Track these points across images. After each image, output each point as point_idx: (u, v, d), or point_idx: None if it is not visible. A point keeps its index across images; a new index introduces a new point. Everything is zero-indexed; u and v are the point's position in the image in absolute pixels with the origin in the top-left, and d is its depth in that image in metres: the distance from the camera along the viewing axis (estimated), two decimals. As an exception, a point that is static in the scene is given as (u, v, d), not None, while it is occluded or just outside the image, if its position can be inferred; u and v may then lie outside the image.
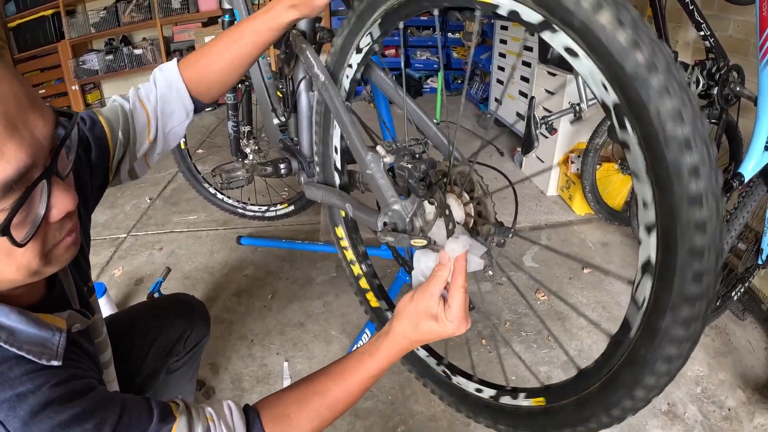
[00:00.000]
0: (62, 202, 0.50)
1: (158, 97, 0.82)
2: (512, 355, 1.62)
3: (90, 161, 0.74)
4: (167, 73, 0.83)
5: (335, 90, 0.85)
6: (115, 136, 0.77)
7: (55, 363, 0.53)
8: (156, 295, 1.79)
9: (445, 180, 0.73)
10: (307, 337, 1.71)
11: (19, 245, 0.47)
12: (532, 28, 0.52)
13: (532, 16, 0.52)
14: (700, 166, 0.43)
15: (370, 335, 1.61)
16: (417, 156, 0.69)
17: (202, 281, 2.02)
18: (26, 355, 0.51)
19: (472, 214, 0.71)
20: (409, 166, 0.68)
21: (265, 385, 1.52)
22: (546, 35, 0.51)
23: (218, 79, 0.87)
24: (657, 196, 0.47)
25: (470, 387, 0.82)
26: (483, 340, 1.68)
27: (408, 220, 0.71)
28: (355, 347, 1.57)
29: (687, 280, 0.46)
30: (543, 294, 1.94)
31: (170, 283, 1.95)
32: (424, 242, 0.68)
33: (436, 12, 0.69)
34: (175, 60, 0.85)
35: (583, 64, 0.48)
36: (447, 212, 0.70)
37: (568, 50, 0.49)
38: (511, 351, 1.64)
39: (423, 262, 0.71)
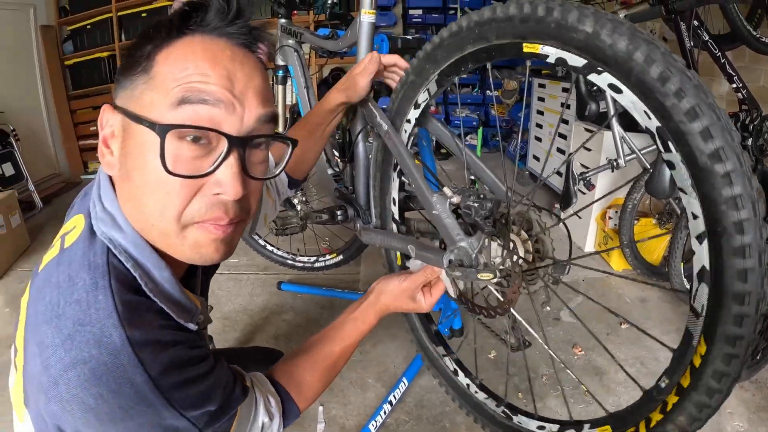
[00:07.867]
0: (227, 182, 0.51)
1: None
2: (547, 407, 1.59)
3: None
4: None
5: (399, 138, 0.92)
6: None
7: (191, 326, 0.56)
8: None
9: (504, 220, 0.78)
10: (343, 384, 1.71)
11: (166, 168, 0.49)
12: (577, 71, 0.59)
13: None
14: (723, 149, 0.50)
15: (407, 384, 1.64)
16: (482, 196, 0.75)
17: (241, 323, 2.06)
18: (166, 310, 0.54)
19: (531, 250, 0.75)
20: (476, 204, 0.73)
21: (300, 427, 1.52)
22: (592, 76, 0.58)
23: (303, 159, 1.05)
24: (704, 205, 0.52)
25: (532, 425, 0.83)
26: (519, 394, 1.65)
27: (474, 255, 0.76)
28: (391, 396, 1.57)
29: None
30: (580, 349, 1.91)
31: (211, 324, 1.99)
32: (491, 275, 0.72)
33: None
34: None
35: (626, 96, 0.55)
36: (510, 248, 0.74)
37: (612, 86, 0.56)
38: (545, 404, 1.61)
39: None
